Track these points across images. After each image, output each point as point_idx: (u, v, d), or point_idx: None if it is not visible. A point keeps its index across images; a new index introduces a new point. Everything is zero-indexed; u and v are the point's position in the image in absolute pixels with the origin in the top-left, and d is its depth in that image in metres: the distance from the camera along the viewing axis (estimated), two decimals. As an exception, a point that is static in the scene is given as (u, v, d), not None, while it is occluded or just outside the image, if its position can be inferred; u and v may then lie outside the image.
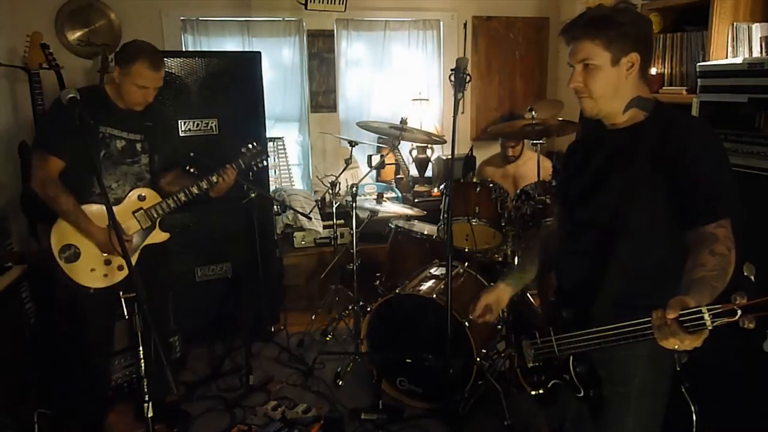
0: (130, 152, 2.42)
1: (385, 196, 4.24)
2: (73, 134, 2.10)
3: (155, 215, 2.46)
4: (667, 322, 1.19)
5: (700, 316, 1.15)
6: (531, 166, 3.56)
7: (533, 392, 1.78)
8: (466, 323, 2.68)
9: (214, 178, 2.48)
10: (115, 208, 2.34)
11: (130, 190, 2.43)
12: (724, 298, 1.15)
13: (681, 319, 1.17)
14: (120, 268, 2.39)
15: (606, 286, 1.57)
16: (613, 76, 1.47)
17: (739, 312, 1.11)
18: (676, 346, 1.20)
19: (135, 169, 2.45)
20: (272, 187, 4.15)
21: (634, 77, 1.49)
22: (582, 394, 1.63)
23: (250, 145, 2.64)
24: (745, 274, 1.20)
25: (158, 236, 2.52)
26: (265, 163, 2.70)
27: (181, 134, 3.35)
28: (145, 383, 1.95)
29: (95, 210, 2.34)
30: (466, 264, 3.19)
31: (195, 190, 2.47)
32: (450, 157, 2.27)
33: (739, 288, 1.13)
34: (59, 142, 2.28)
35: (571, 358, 1.63)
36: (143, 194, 2.44)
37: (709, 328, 1.15)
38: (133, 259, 2.42)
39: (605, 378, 1.61)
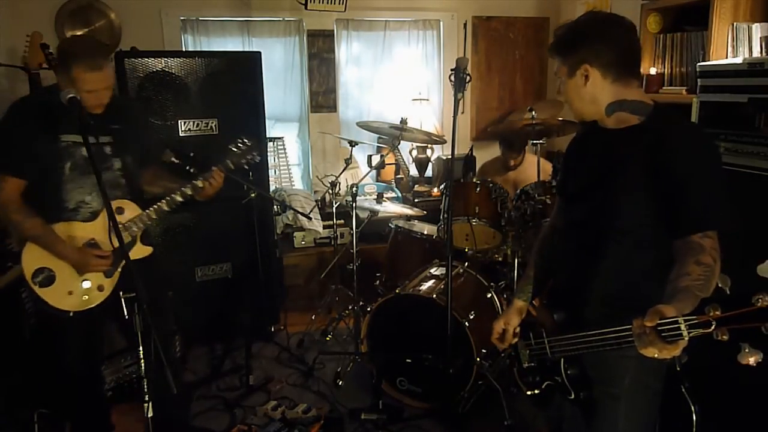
0: (100, 158, 2.15)
1: (385, 196, 4.24)
2: (31, 147, 1.92)
3: (136, 229, 2.21)
4: (646, 330, 1.20)
5: (677, 326, 1.16)
6: (532, 172, 3.55)
7: (528, 392, 1.78)
8: (466, 323, 2.68)
9: (200, 183, 2.23)
10: (90, 224, 2.18)
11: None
12: (698, 310, 1.15)
13: (659, 328, 1.19)
14: (100, 288, 2.20)
15: (595, 288, 1.58)
16: (573, 87, 1.56)
17: (714, 324, 1.12)
18: (655, 355, 1.21)
19: (108, 177, 2.18)
20: (272, 187, 4.15)
21: (599, 85, 1.52)
22: (573, 396, 1.64)
23: (240, 143, 2.36)
24: (720, 285, 1.21)
25: (140, 251, 2.26)
26: (257, 159, 2.42)
27: (181, 134, 3.36)
28: (145, 383, 1.95)
29: (69, 229, 2.14)
30: (466, 264, 3.19)
31: (179, 197, 2.22)
32: (450, 157, 2.27)
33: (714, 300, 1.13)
34: (17, 158, 2.05)
35: (562, 360, 1.64)
36: (121, 207, 2.18)
37: (686, 338, 1.16)
38: (114, 280, 2.22)
39: (596, 378, 1.61)
